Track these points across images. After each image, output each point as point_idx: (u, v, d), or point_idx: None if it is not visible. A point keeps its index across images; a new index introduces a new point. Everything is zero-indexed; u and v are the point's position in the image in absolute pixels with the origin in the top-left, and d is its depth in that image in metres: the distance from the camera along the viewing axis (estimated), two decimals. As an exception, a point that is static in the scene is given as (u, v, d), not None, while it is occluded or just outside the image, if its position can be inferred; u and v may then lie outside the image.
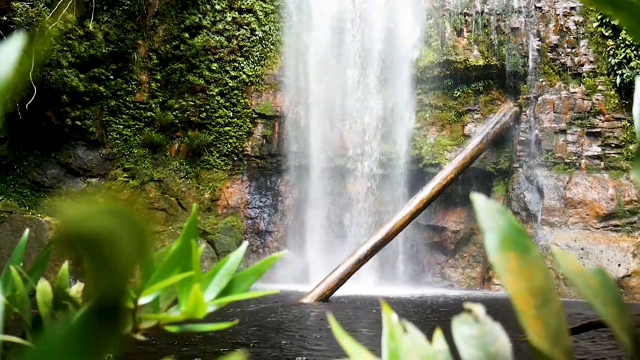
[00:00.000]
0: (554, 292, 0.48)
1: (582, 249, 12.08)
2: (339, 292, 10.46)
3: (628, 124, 12.97)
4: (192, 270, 0.49)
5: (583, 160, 13.15)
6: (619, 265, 11.70)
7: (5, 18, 11.39)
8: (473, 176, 14.03)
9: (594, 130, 13.16)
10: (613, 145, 13.03)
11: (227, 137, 14.93)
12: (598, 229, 12.59)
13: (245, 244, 0.65)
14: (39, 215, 11.28)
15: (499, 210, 0.46)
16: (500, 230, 0.44)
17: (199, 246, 0.52)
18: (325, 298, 10.04)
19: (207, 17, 14.81)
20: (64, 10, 12.16)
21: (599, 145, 13.13)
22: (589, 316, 6.93)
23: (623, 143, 12.97)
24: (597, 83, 13.20)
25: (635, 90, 0.63)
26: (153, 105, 14.60)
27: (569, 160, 13.19)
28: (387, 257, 13.68)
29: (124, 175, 14.04)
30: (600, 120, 13.15)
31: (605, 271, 0.56)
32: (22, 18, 11.20)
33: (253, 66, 14.98)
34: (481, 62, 13.78)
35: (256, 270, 0.55)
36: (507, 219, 0.45)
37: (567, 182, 13.01)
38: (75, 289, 0.61)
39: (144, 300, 0.49)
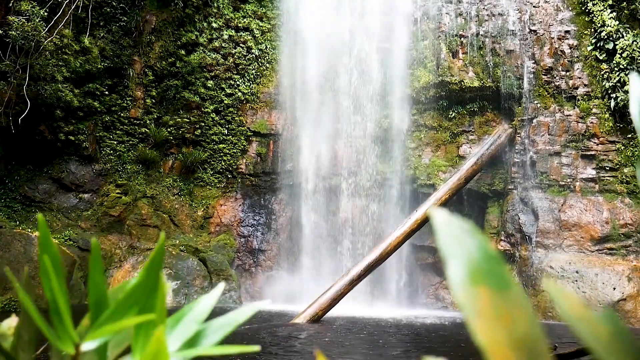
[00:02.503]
0: (544, 344, 0.35)
1: (576, 272, 12.00)
2: (332, 313, 10.32)
3: (622, 147, 12.99)
4: (154, 312, 0.41)
5: (578, 183, 13.13)
6: (614, 288, 11.61)
7: (1, 32, 11.35)
8: (468, 197, 13.99)
9: (589, 153, 13.17)
10: (607, 168, 13.04)
11: (222, 154, 14.87)
12: (593, 252, 12.53)
13: (221, 286, 0.57)
14: (29, 230, 11.13)
15: (467, 231, 0.34)
16: (469, 257, 0.32)
17: (166, 283, 0.44)
18: (317, 318, 9.90)
19: (203, 34, 14.84)
20: (60, 25, 12.15)
21: (593, 168, 13.13)
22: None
23: (617, 166, 12.98)
24: (591, 106, 13.25)
25: (630, 87, 0.55)
26: (148, 122, 14.54)
27: (563, 183, 13.18)
28: (381, 277, 13.55)
29: (117, 191, 13.91)
30: (595, 143, 13.18)
31: (616, 317, 0.42)
32: (18, 32, 11.16)
33: (249, 84, 14.98)
34: (476, 84, 13.83)
35: (231, 320, 0.46)
36: (478, 243, 0.34)
37: (562, 205, 12.98)
38: (7, 324, 0.53)
39: (88, 345, 0.41)
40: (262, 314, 10.97)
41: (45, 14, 11.66)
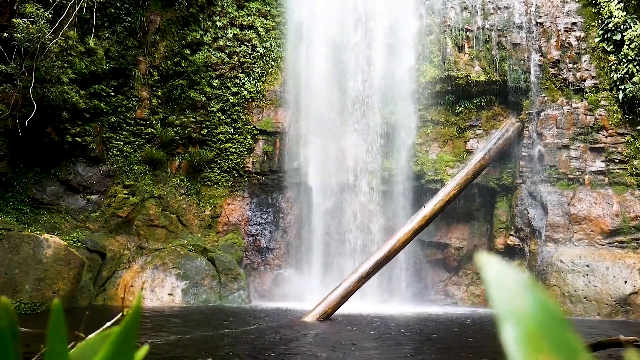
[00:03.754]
0: None
1: (587, 266, 11.91)
2: (341, 310, 10.29)
3: (632, 139, 12.87)
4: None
5: (587, 176, 13.02)
6: (625, 282, 11.51)
7: (6, 35, 11.38)
8: (476, 192, 13.91)
9: (598, 145, 13.06)
10: (617, 160, 12.92)
11: (228, 153, 14.85)
12: (603, 245, 12.42)
13: (145, 349, 0.51)
14: (38, 232, 11.14)
15: (525, 285, 0.28)
16: (528, 319, 0.26)
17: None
18: (327, 316, 9.87)
19: (208, 33, 14.82)
20: (65, 27, 12.15)
21: (602, 161, 13.01)
22: (595, 335, 6.76)
23: (627, 158, 12.86)
24: (599, 98, 13.13)
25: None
26: (154, 122, 14.54)
27: (572, 176, 13.07)
28: (390, 274, 13.50)
29: (124, 192, 13.92)
30: (604, 135, 13.06)
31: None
32: (23, 35, 11.18)
33: (254, 82, 14.95)
34: (483, 78, 13.73)
35: None
36: (540, 300, 0.27)
37: (571, 198, 12.87)
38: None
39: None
40: (272, 312, 10.95)
41: (50, 15, 11.66)
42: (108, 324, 1.22)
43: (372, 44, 14.15)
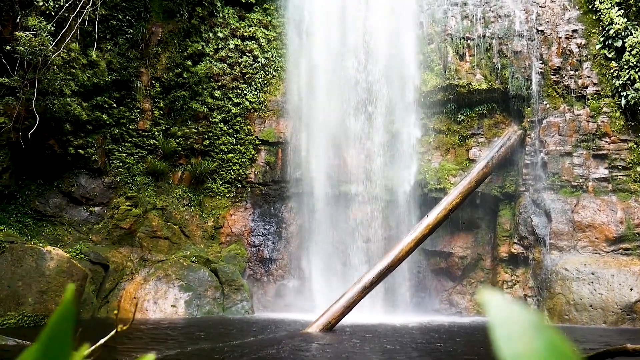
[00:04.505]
0: None
1: (592, 274, 11.83)
2: (345, 321, 10.22)
3: (635, 146, 12.83)
4: None
5: (590, 183, 12.97)
6: (631, 289, 11.43)
7: (8, 47, 11.43)
8: (479, 201, 13.86)
9: (600, 152, 13.01)
10: (620, 167, 12.87)
11: (231, 164, 14.85)
12: (608, 252, 12.35)
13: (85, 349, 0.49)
14: (41, 244, 11.13)
15: (533, 324, 0.25)
16: None
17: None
18: (330, 327, 9.81)
19: (209, 44, 14.87)
20: (67, 39, 12.21)
21: (605, 168, 12.96)
22: (601, 343, 6.69)
23: (630, 165, 12.81)
24: (601, 105, 13.10)
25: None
26: (156, 133, 14.56)
27: (575, 183, 13.02)
28: (394, 284, 13.43)
29: (127, 203, 13.92)
30: (606, 142, 13.02)
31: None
32: (26, 47, 11.22)
33: (256, 93, 14.97)
34: (484, 86, 13.73)
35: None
36: (549, 341, 0.24)
37: (575, 205, 12.81)
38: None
39: None
40: (275, 323, 10.89)
41: (52, 28, 11.72)
42: (102, 340, 1.20)
43: (372, 54, 14.17)
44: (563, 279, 11.98)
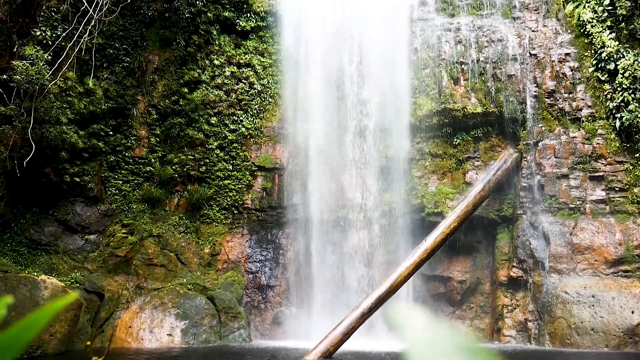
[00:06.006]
0: None
1: (592, 297, 11.72)
2: (344, 348, 10.07)
3: (631, 167, 12.85)
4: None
5: (588, 205, 12.95)
6: (632, 312, 11.31)
7: (5, 77, 11.48)
8: (477, 224, 13.81)
9: (597, 174, 13.02)
10: (617, 189, 12.87)
11: (227, 190, 14.81)
12: (608, 275, 12.26)
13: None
14: (35, 273, 11.01)
15: (428, 319, 0.23)
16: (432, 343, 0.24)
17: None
18: (329, 354, 9.66)
19: (206, 72, 14.97)
20: (64, 68, 12.27)
21: (602, 189, 12.96)
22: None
23: (627, 186, 12.81)
24: (596, 127, 13.17)
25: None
26: (152, 160, 14.55)
27: (573, 205, 13.00)
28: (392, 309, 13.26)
29: (123, 231, 13.82)
30: (603, 164, 13.04)
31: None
32: (23, 76, 11.27)
33: (252, 119, 15.02)
34: (479, 110, 13.80)
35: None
36: (441, 328, 0.22)
37: (573, 228, 12.77)
38: None
39: None
40: (273, 351, 10.73)
41: (49, 57, 11.79)
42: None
43: (367, 79, 14.28)
44: (563, 303, 11.87)
